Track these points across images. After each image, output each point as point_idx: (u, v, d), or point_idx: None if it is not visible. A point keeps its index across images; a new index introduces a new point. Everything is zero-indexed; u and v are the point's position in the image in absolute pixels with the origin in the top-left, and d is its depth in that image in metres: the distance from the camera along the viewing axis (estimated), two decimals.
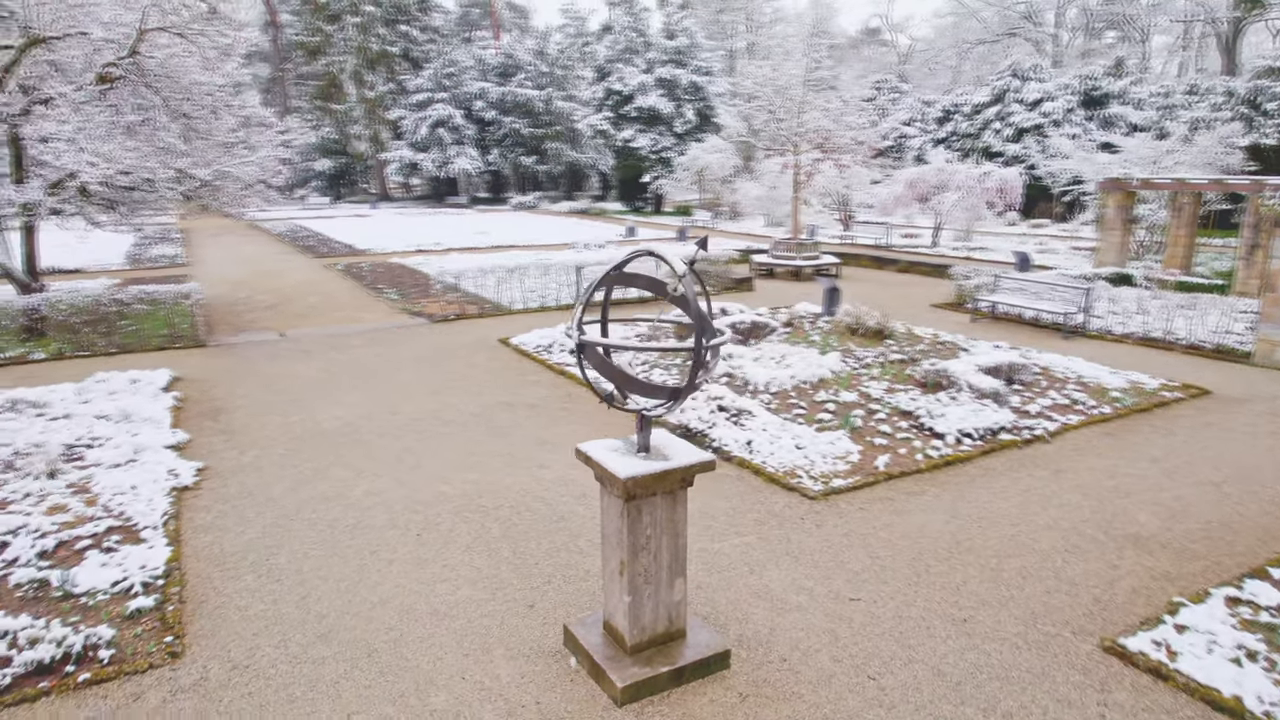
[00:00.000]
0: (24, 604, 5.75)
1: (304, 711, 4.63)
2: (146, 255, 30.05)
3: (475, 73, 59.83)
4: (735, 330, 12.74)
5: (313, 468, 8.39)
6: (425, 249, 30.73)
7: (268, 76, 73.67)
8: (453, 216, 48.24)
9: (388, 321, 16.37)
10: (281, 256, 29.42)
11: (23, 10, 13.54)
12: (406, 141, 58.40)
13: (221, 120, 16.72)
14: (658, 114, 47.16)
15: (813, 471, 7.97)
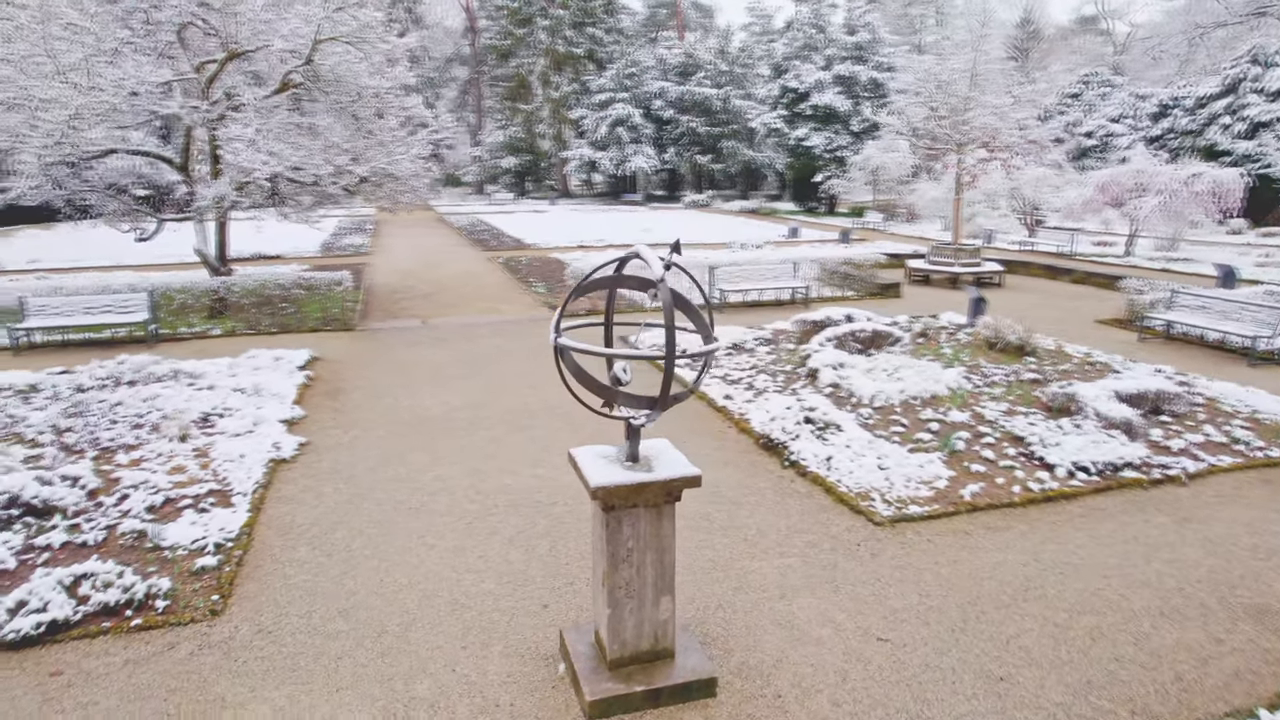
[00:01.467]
0: (119, 551, 6.46)
1: (300, 680, 4.87)
2: (338, 244, 33.05)
3: (656, 72, 60.75)
4: (854, 339, 12.07)
5: (399, 451, 8.84)
6: (587, 245, 31.58)
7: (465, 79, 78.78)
8: (624, 214, 49.29)
9: (524, 314, 16.96)
10: (453, 248, 31.34)
11: (224, 28, 15.25)
12: (587, 140, 60.36)
13: (386, 120, 17.98)
14: (834, 112, 45.68)
15: (889, 495, 7.39)
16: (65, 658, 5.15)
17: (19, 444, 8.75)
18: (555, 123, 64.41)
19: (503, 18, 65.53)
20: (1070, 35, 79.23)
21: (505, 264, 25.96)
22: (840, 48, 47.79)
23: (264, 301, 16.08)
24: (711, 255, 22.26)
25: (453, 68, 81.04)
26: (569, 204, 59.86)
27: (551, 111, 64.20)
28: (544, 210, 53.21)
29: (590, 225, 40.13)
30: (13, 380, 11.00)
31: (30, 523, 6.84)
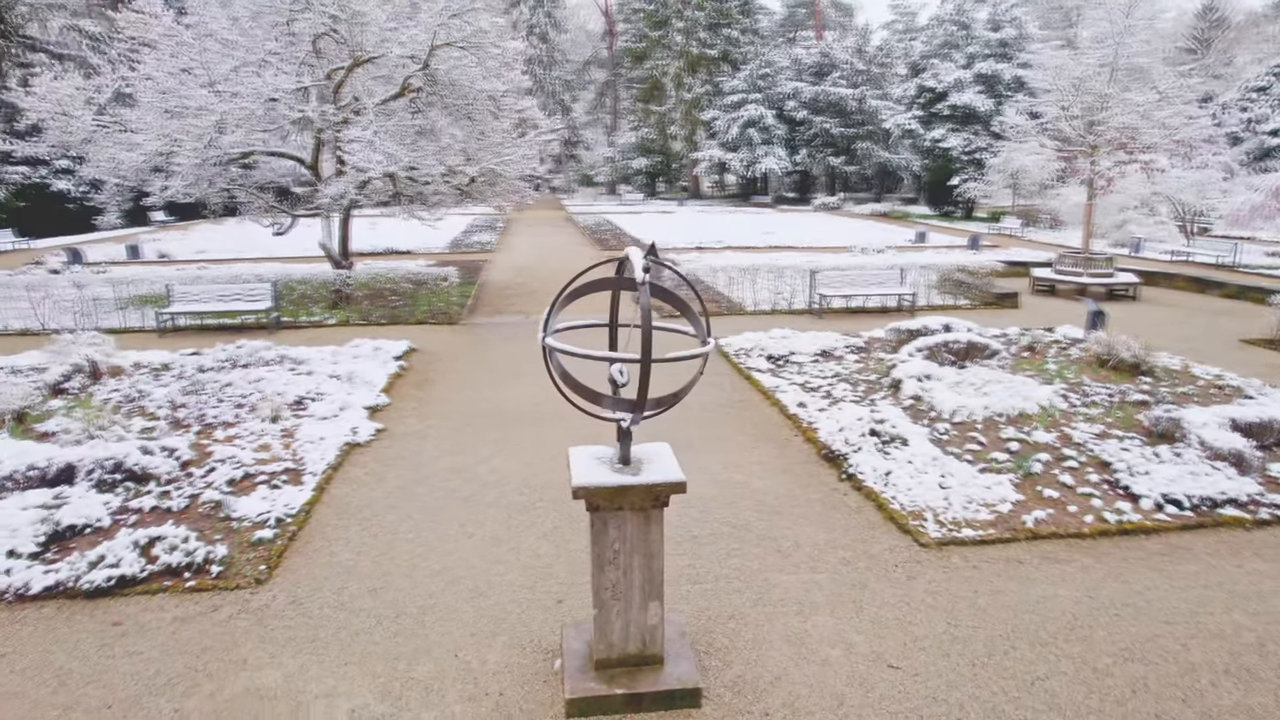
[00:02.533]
0: (195, 519, 7.06)
1: (316, 651, 5.17)
2: (467, 241, 34.52)
3: (790, 73, 59.81)
4: (948, 350, 11.47)
5: (467, 442, 9.18)
6: (705, 246, 31.53)
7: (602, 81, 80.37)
8: (750, 216, 48.84)
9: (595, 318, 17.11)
10: (573, 247, 32.07)
11: (351, 37, 16.29)
12: (718, 141, 60.20)
13: (500, 121, 18.63)
14: (973, 112, 43.39)
15: (943, 516, 6.99)
16: (126, 610, 5.69)
17: (140, 416, 9.71)
18: (687, 124, 64.63)
19: (639, 21, 66.40)
20: (1263, 22, 71.57)
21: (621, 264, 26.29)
22: (983, 45, 45.36)
23: (376, 294, 17.06)
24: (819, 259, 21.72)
25: (590, 70, 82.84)
26: (697, 205, 59.93)
27: (683, 113, 64.46)
28: (671, 211, 53.52)
29: (712, 227, 40.01)
30: (151, 359, 12.21)
31: (130, 487, 7.58)
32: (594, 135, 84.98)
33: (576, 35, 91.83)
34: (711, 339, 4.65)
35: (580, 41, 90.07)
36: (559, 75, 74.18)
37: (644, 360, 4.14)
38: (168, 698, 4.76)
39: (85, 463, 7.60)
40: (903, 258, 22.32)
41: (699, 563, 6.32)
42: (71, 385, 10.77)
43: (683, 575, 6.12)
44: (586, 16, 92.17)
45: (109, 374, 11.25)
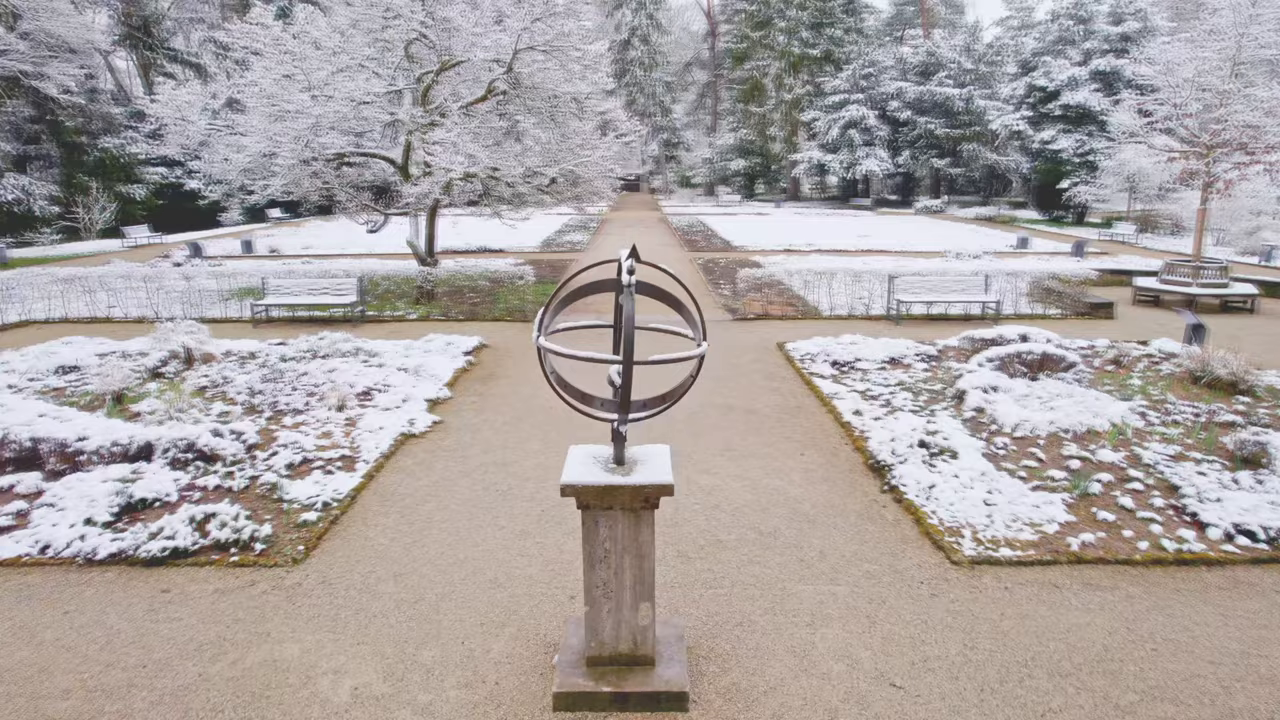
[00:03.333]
0: (252, 499, 7.51)
1: (333, 629, 5.43)
2: (558, 241, 35.16)
3: (894, 72, 58.20)
4: (1020, 361, 10.95)
5: (518, 437, 9.39)
6: (794, 248, 31.09)
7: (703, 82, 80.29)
8: (847, 218, 47.81)
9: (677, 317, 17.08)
10: (660, 248, 32.18)
11: (439, 41, 16.90)
12: (818, 143, 59.22)
13: (583, 123, 18.91)
14: (1086, 111, 41.06)
15: (983, 533, 6.70)
16: (175, 579, 6.12)
17: (221, 401, 10.39)
18: (786, 125, 63.83)
19: (740, 21, 66.01)
20: None
21: (703, 265, 26.28)
22: (1102, 40, 42.87)
23: (456, 292, 17.61)
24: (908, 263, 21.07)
25: (692, 71, 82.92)
26: (794, 207, 59.08)
27: (783, 114, 63.69)
28: (766, 213, 52.97)
29: (805, 229, 39.40)
30: (241, 348, 13.03)
31: (200, 466, 8.13)
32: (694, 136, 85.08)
33: (680, 37, 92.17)
34: (705, 342, 4.61)
35: (684, 43, 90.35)
36: (659, 77, 74.52)
37: (625, 362, 4.16)
38: (195, 662, 5.11)
39: (162, 442, 8.20)
40: (998, 264, 21.38)
41: (718, 568, 6.28)
42: (168, 370, 11.62)
43: (699, 580, 6.10)
44: (691, 18, 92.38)
45: (202, 360, 12.07)
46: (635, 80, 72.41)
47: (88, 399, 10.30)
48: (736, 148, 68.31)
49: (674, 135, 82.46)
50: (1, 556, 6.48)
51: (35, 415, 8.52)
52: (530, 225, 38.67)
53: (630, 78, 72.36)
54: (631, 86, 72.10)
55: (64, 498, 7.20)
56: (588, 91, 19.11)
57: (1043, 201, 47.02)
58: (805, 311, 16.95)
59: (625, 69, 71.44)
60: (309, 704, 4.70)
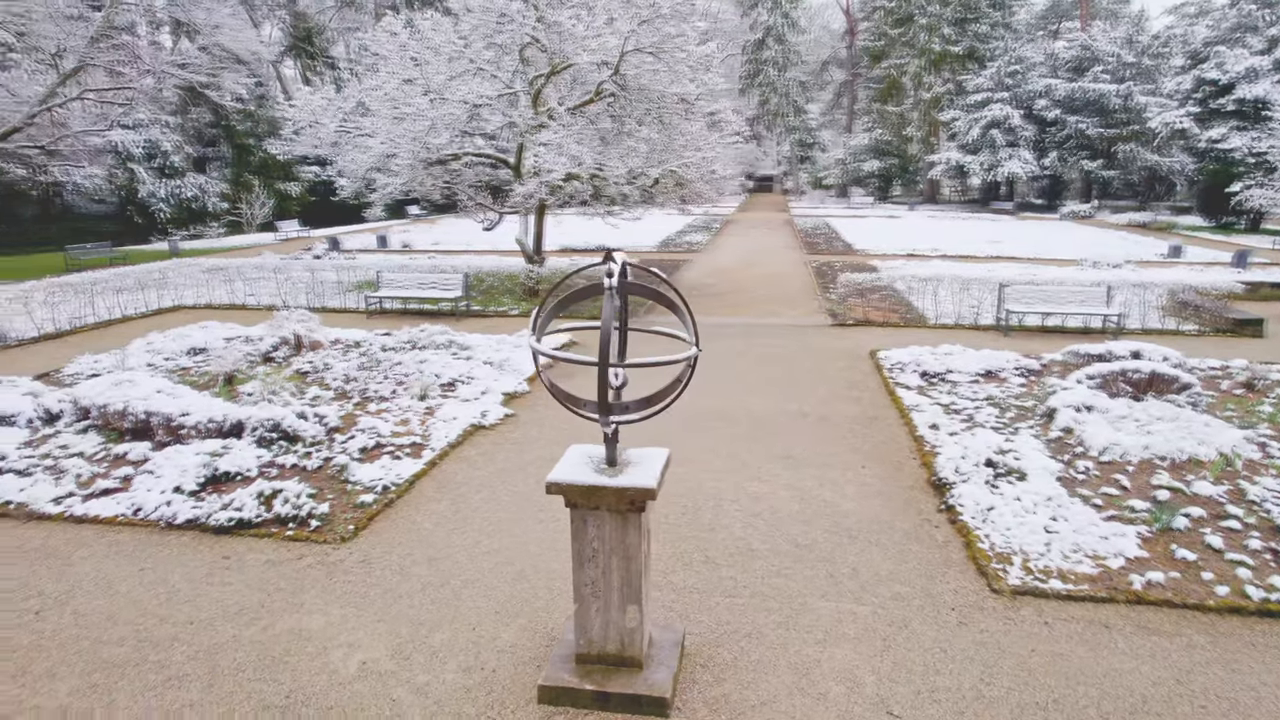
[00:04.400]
0: (322, 479, 8.03)
1: (360, 606, 5.74)
2: (678, 241, 35.29)
3: (1044, 68, 54.75)
4: (1125, 380, 10.10)
5: (579, 432, 9.55)
6: (918, 253, 29.90)
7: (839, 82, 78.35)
8: (983, 223, 45.43)
9: (796, 320, 16.79)
10: (779, 250, 31.73)
11: (550, 44, 17.37)
12: (957, 144, 56.58)
13: (692, 124, 18.93)
14: (1265, 106, 37.11)
15: (1035, 563, 6.26)
16: (235, 548, 6.65)
17: (316, 385, 11.14)
18: (924, 125, 61.34)
19: (880, 18, 63.96)
20: None
21: (819, 268, 25.73)
22: None
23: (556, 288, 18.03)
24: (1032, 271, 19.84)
25: (830, 70, 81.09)
26: (928, 210, 56.70)
27: (922, 113, 61.23)
28: (898, 216, 51.15)
29: (935, 234, 37.75)
30: (348, 336, 13.90)
31: (283, 445, 8.77)
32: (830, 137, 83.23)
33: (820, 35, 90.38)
34: (697, 347, 4.57)
35: (823, 41, 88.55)
36: (794, 76, 73.30)
37: (601, 364, 4.19)
38: (233, 624, 5.54)
39: (252, 421, 8.89)
40: (1139, 274, 19.76)
41: (742, 576, 6.18)
42: (278, 355, 12.57)
43: (720, 587, 6.02)
44: (831, 16, 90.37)
45: (310, 347, 12.97)
46: (768, 80, 71.60)
47: (205, 379, 11.31)
48: (871, 148, 66.26)
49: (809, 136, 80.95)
50: (103, 515, 7.25)
51: (153, 391, 9.44)
52: (652, 225, 39.08)
53: (764, 77, 71.63)
54: (764, 86, 71.38)
55: (161, 467, 7.96)
56: (697, 92, 19.12)
57: (1209, 206, 42.89)
58: (910, 319, 16.28)
59: (758, 69, 70.80)
60: (318, 673, 5.00)
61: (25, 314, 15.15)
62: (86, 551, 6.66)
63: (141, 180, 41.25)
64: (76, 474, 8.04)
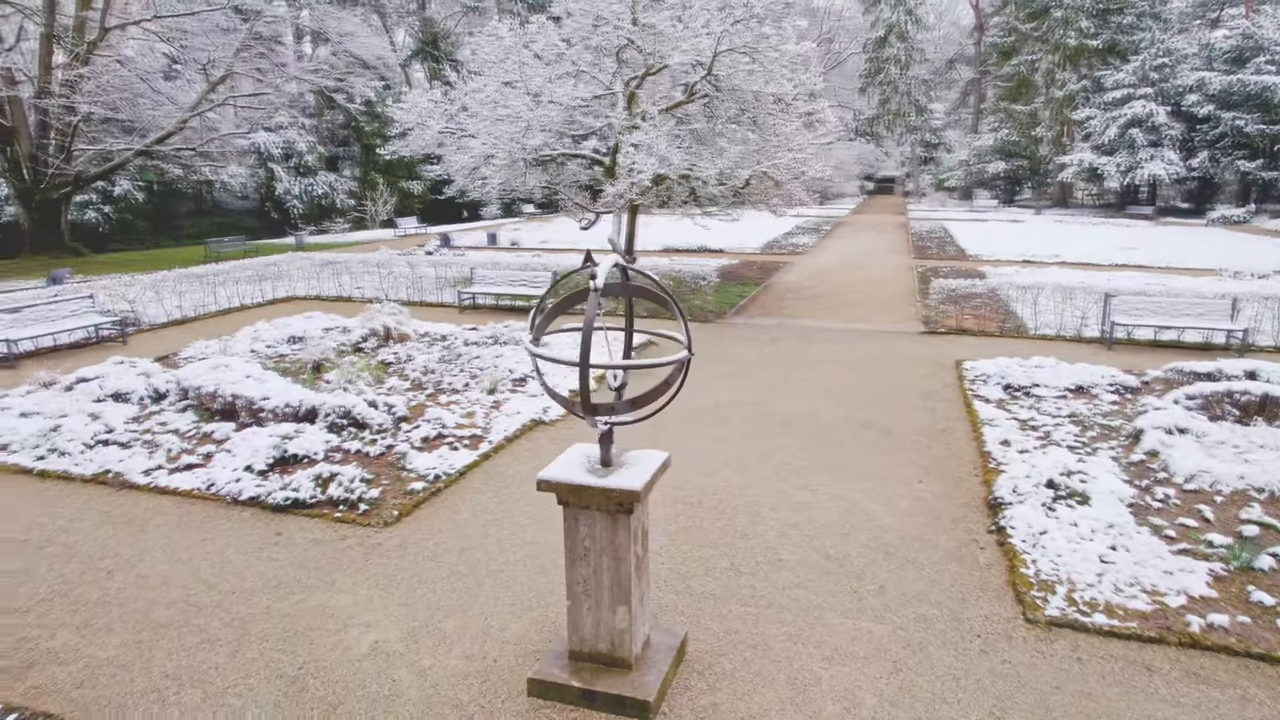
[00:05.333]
0: (382, 466, 8.41)
1: (386, 588, 6.00)
2: (783, 242, 34.77)
3: (1197, 60, 50.59)
4: (1232, 402, 9.24)
5: (632, 432, 9.60)
6: (1035, 259, 28.33)
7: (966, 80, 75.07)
8: (1117, 228, 42.49)
9: (891, 325, 16.24)
10: (885, 254, 30.76)
11: (645, 46, 17.50)
12: (1090, 144, 53.12)
13: (787, 125, 18.63)
14: None
15: (1081, 594, 5.84)
16: (288, 526, 7.08)
17: (396, 376, 11.67)
18: (1055, 124, 57.91)
19: (1011, 13, 60.82)
20: None
21: (923, 273, 24.79)
22: None
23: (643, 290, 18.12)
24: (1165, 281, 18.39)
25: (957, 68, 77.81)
26: (1056, 214, 53.51)
27: (1053, 112, 57.83)
28: (1021, 220, 48.54)
29: (1059, 239, 35.59)
30: (436, 330, 14.47)
31: (352, 431, 9.25)
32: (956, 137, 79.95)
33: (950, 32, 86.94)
34: (689, 350, 4.53)
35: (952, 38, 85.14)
36: (916, 75, 70.75)
37: (582, 364, 4.22)
38: (269, 597, 5.90)
39: (326, 407, 9.42)
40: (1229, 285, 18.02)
41: (763, 586, 6.06)
42: (367, 345, 13.23)
43: (738, 595, 5.93)
44: (961, 12, 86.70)
45: (397, 340, 13.60)
46: (889, 79, 69.45)
47: (296, 365, 12.04)
48: (997, 149, 63.12)
49: (933, 136, 78.04)
50: (181, 487, 7.87)
51: (243, 376, 10.16)
52: (758, 226, 38.68)
53: (884, 76, 69.53)
54: (885, 85, 69.27)
55: (238, 446, 8.55)
56: (795, 92, 18.79)
57: None
58: (1008, 329, 15.45)
59: (879, 67, 68.77)
60: (332, 648, 5.27)
61: (157, 301, 16.58)
62: (161, 520, 7.25)
63: (279, 178, 44.31)
64: (168, 449, 8.76)
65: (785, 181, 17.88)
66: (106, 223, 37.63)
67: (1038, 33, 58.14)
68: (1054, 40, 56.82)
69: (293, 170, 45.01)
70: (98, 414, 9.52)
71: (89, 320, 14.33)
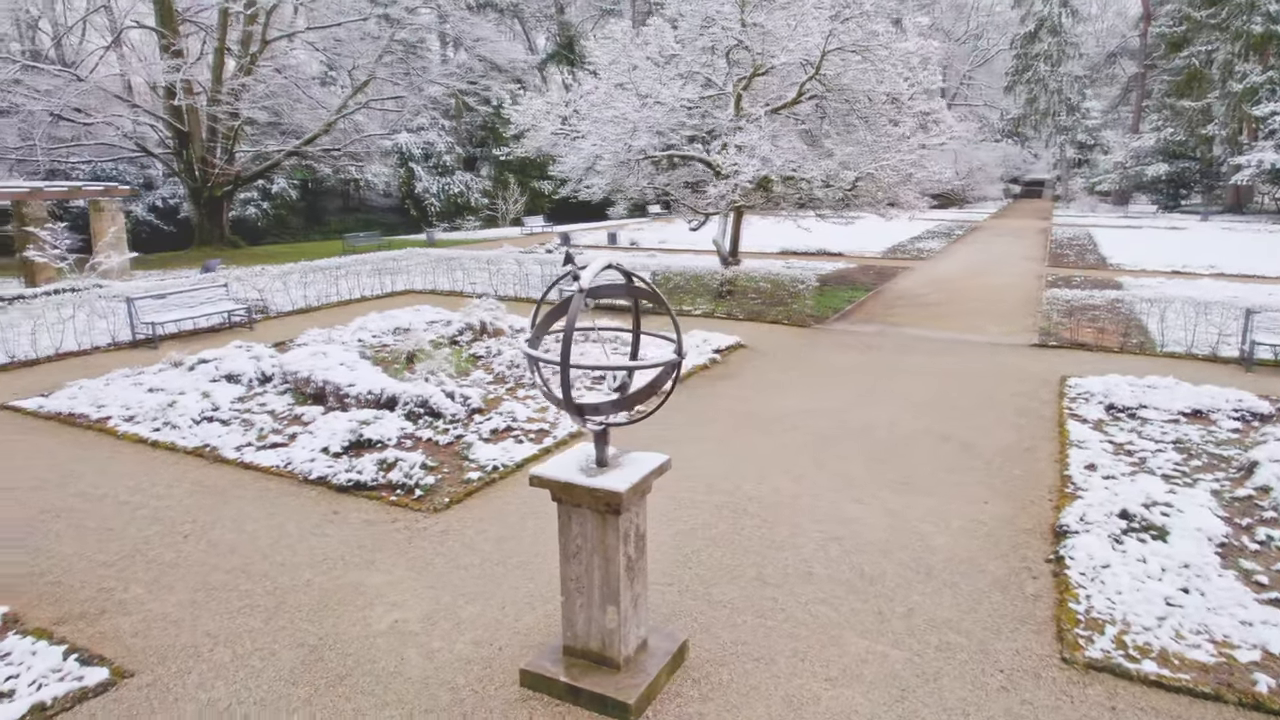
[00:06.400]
0: (446, 453, 8.79)
1: (419, 569, 6.27)
2: (909, 247, 33.43)
3: None
4: None
5: (693, 437, 9.56)
6: (1186, 271, 25.96)
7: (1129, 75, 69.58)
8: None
9: (1002, 336, 15.33)
10: (1017, 260, 29.05)
11: (754, 46, 17.33)
12: (1273, 142, 47.96)
13: (900, 126, 17.94)
14: None
15: (1135, 637, 5.34)
16: (346, 505, 7.52)
17: (482, 369, 12.11)
18: (1231, 121, 52.62)
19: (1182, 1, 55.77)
20: None
21: (1053, 282, 23.25)
22: None
23: (740, 292, 17.95)
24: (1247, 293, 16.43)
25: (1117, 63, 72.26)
26: (1224, 221, 48.68)
27: (1229, 108, 52.56)
28: (1182, 228, 44.47)
29: (1221, 249, 32.37)
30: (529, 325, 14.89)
31: (427, 420, 9.70)
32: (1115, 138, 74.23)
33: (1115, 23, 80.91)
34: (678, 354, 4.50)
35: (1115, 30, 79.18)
36: (1068, 71, 66.15)
37: (563, 364, 4.26)
38: (313, 571, 6.31)
39: (405, 396, 9.92)
40: None
41: (785, 599, 5.91)
42: (462, 339, 13.80)
43: (755, 606, 5.81)
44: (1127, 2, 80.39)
45: (492, 334, 14.10)
46: (1038, 76, 65.29)
47: (392, 355, 12.72)
48: (1159, 150, 58.04)
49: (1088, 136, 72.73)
50: (263, 464, 8.51)
51: (336, 364, 10.85)
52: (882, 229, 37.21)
53: (1033, 74, 65.42)
54: (1033, 83, 65.19)
55: (320, 429, 9.15)
56: (911, 92, 18.07)
57: None
58: (1131, 344, 14.24)
59: (1027, 64, 64.79)
60: (355, 624, 5.57)
61: (284, 292, 17.94)
62: (240, 493, 7.87)
63: (419, 177, 46.77)
64: (260, 428, 9.49)
65: (893, 184, 17.19)
66: (264, 218, 40.96)
67: (1215, 20, 53.04)
68: (1235, 28, 51.65)
69: (432, 169, 47.39)
70: (209, 393, 10.42)
71: (223, 307, 15.69)
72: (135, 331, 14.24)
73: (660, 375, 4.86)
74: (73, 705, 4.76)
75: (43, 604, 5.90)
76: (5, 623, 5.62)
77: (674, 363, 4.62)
